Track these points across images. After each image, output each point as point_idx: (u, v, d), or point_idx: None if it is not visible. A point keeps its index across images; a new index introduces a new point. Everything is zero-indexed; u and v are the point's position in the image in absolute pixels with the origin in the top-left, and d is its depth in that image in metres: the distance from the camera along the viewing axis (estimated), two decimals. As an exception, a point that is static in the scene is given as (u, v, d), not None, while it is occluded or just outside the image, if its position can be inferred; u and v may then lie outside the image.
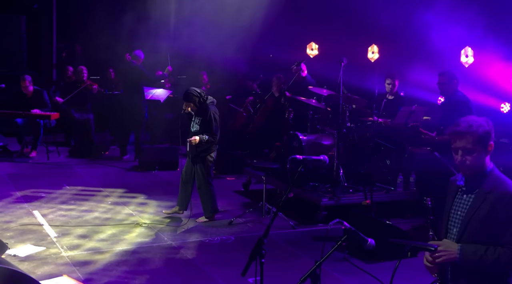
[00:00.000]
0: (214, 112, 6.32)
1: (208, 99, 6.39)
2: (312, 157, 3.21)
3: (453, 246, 2.82)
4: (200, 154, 6.32)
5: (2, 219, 6.25)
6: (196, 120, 6.36)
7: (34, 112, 9.42)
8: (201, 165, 6.36)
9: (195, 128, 6.35)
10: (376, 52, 9.37)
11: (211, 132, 6.27)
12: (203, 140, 6.22)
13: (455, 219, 2.93)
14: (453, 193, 3.00)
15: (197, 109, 6.33)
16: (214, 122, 6.28)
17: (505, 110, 7.57)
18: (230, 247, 5.75)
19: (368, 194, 6.44)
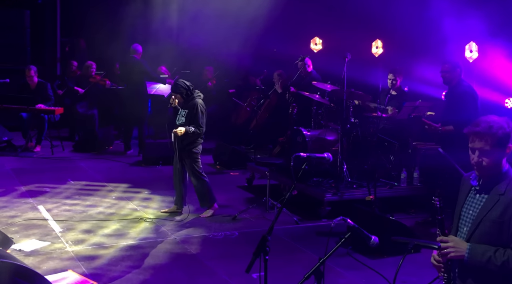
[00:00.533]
0: (201, 105, 6.34)
1: (195, 92, 6.41)
2: (316, 155, 3.21)
3: (463, 244, 2.80)
4: (186, 147, 6.31)
5: (7, 214, 6.28)
6: (182, 113, 6.36)
7: (38, 107, 9.45)
8: (189, 160, 6.35)
9: (180, 120, 6.34)
10: (380, 47, 9.34)
11: (197, 124, 6.26)
12: (189, 131, 6.20)
13: (466, 218, 2.90)
14: (466, 191, 2.97)
15: (184, 101, 6.34)
16: (200, 114, 6.29)
17: (509, 105, 7.55)
18: (234, 242, 5.77)
19: (372, 189, 6.44)
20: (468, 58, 7.95)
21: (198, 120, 6.26)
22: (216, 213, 6.69)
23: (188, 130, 6.19)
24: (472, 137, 2.83)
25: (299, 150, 7.38)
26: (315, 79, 8.57)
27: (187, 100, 6.33)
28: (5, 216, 6.22)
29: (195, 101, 6.31)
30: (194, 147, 6.37)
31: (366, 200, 6.40)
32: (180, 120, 6.34)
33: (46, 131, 9.76)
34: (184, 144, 6.30)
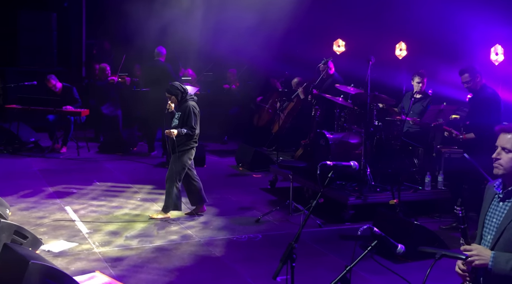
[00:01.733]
0: (193, 106, 6.38)
1: (189, 95, 6.48)
2: (342, 163, 3.23)
3: (486, 252, 2.81)
4: (177, 148, 6.33)
5: (35, 215, 6.42)
6: (176, 115, 6.42)
7: (65, 108, 9.62)
8: (177, 163, 6.35)
9: (174, 122, 6.41)
10: (404, 49, 9.29)
11: (190, 125, 6.30)
12: (181, 133, 6.24)
13: (490, 226, 2.91)
14: (490, 199, 2.98)
15: (178, 103, 6.41)
16: (193, 116, 6.33)
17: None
18: (257, 245, 5.82)
19: (396, 193, 6.44)
20: (493, 61, 7.87)
21: (190, 122, 6.30)
22: (240, 215, 6.75)
23: (180, 132, 6.24)
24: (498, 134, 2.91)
25: (322, 152, 7.43)
26: (337, 81, 8.57)
27: (181, 102, 6.41)
28: (34, 216, 6.35)
29: (187, 103, 6.38)
30: (187, 150, 6.37)
31: (390, 204, 6.39)
32: (174, 123, 6.41)
33: (72, 132, 9.93)
34: (177, 145, 6.32)
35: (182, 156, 6.36)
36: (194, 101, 6.49)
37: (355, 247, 3.19)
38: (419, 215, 6.56)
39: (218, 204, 7.18)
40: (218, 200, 7.36)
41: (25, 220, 6.14)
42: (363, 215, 6.48)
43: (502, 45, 7.78)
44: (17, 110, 9.76)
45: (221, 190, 7.84)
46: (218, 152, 10.61)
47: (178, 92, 6.39)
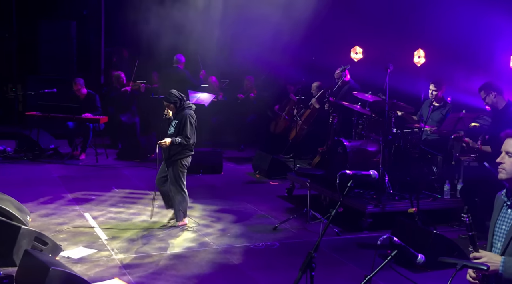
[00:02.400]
0: (190, 116, 6.35)
1: (187, 103, 6.47)
2: (362, 172, 3.23)
3: (496, 258, 2.84)
4: (172, 157, 6.30)
5: (55, 221, 6.49)
6: (172, 123, 6.41)
7: (85, 116, 9.73)
8: (173, 168, 6.32)
9: (170, 130, 6.38)
10: (422, 57, 9.24)
11: (185, 135, 6.26)
12: (175, 142, 6.19)
13: (500, 233, 2.96)
14: (499, 207, 3.03)
15: (176, 111, 6.39)
16: (189, 126, 6.30)
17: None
18: (275, 253, 5.81)
19: (414, 201, 6.39)
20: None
21: (186, 131, 6.26)
22: (257, 223, 6.76)
23: (174, 141, 6.20)
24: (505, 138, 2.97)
25: (339, 160, 7.41)
26: (353, 88, 8.55)
27: (179, 110, 6.39)
28: (54, 223, 6.42)
29: (185, 112, 6.35)
30: (182, 158, 6.34)
31: (409, 213, 6.35)
32: (170, 130, 6.38)
33: (91, 139, 10.03)
34: (172, 154, 6.30)
35: (176, 162, 6.32)
36: (192, 109, 6.47)
37: (375, 256, 3.16)
38: (438, 224, 6.51)
39: (235, 211, 7.19)
40: (235, 207, 7.37)
41: (45, 227, 6.21)
42: (381, 223, 6.44)
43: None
44: (37, 117, 9.89)
45: (238, 197, 7.85)
46: (235, 159, 10.64)
47: (176, 100, 6.36)
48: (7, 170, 8.99)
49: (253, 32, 11.23)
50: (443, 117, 7.34)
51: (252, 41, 11.35)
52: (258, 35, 11.13)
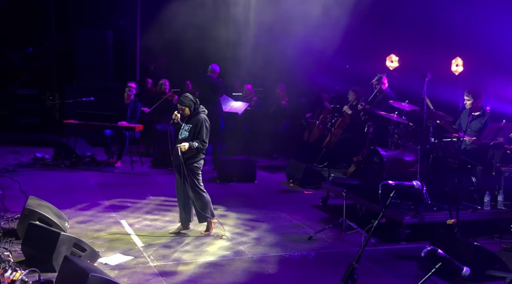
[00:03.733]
0: (205, 120, 6.34)
1: (200, 107, 6.44)
2: (405, 183, 3.17)
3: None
4: (186, 162, 6.27)
5: (92, 228, 6.57)
6: (185, 127, 6.37)
7: (120, 124, 9.87)
8: (189, 173, 6.28)
9: (183, 134, 6.34)
10: (460, 65, 9.08)
11: (202, 139, 6.25)
12: (192, 147, 6.19)
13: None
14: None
15: (190, 115, 6.36)
16: (205, 130, 6.29)
17: None
18: (310, 263, 5.75)
19: (454, 212, 6.26)
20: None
21: (202, 136, 6.26)
22: (292, 232, 6.71)
23: (191, 145, 6.19)
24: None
25: (375, 170, 7.31)
26: (389, 97, 8.45)
27: (192, 114, 6.37)
28: (91, 229, 6.50)
29: (200, 116, 6.34)
30: (196, 161, 6.34)
31: (448, 224, 6.22)
32: (183, 134, 6.34)
33: (126, 147, 10.16)
34: (185, 158, 6.27)
35: (191, 166, 6.32)
36: (205, 114, 6.47)
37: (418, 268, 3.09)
38: (478, 236, 6.35)
39: (269, 220, 7.16)
40: (270, 216, 7.34)
41: (83, 233, 6.30)
42: (419, 234, 6.32)
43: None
44: (75, 125, 10.06)
45: (272, 206, 7.82)
46: (268, 167, 10.61)
47: (191, 104, 6.35)
48: (46, 177, 9.17)
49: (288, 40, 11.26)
50: (482, 126, 7.20)
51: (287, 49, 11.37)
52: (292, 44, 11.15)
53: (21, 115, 14.27)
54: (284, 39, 11.17)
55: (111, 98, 10.59)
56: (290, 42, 10.94)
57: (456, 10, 9.00)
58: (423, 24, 9.58)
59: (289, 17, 11.01)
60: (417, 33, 9.70)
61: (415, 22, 9.78)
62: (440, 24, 9.10)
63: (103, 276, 4.45)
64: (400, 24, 10.21)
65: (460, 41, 9.03)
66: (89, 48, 12.29)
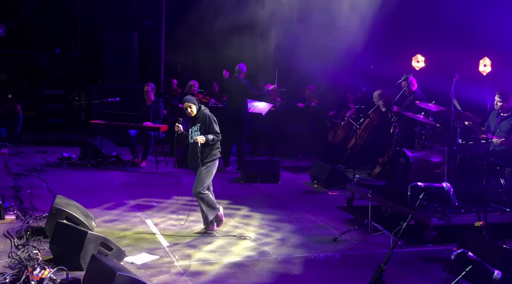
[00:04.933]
0: (210, 114, 6.46)
1: (202, 106, 6.57)
2: (434, 185, 3.12)
3: None
4: (203, 160, 6.32)
5: (119, 227, 6.64)
6: (194, 128, 6.45)
7: (145, 124, 9.96)
8: (204, 171, 6.33)
9: (195, 135, 6.41)
10: (488, 65, 8.93)
11: (214, 131, 6.33)
12: (209, 139, 6.25)
13: None
14: None
15: (195, 114, 6.44)
16: (214, 122, 6.38)
17: None
18: (336, 265, 5.72)
19: (482, 215, 6.15)
20: None
21: (214, 128, 6.36)
22: (316, 233, 6.68)
23: (208, 138, 6.25)
24: None
25: (401, 171, 7.23)
26: (420, 98, 8.34)
27: (197, 114, 6.46)
28: (117, 228, 6.57)
29: (204, 112, 6.46)
30: (212, 160, 6.42)
31: (475, 226, 6.12)
32: (195, 135, 6.42)
33: (151, 147, 10.24)
34: (204, 157, 6.33)
35: (208, 165, 6.38)
36: (207, 110, 6.58)
37: (448, 271, 3.05)
38: (507, 239, 6.22)
39: (294, 221, 7.14)
40: (294, 217, 7.32)
41: (109, 232, 6.36)
42: (446, 237, 6.24)
43: None
44: (101, 125, 10.18)
45: (296, 207, 7.80)
46: (292, 168, 10.58)
47: (196, 102, 6.49)
48: (73, 176, 9.30)
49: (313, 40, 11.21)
50: (511, 127, 7.07)
51: (312, 49, 11.33)
52: (318, 44, 11.10)
53: (49, 115, 14.53)
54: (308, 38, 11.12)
55: (136, 99, 10.67)
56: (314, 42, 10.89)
57: (484, 9, 8.85)
58: (450, 23, 9.45)
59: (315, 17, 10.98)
60: (444, 32, 9.57)
61: (442, 21, 9.64)
62: (467, 23, 8.95)
63: (130, 275, 4.49)
64: (426, 24, 10.08)
65: (488, 41, 8.86)
66: (115, 49, 12.43)
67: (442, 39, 9.59)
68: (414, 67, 10.11)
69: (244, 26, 11.53)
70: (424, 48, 10.13)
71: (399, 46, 10.55)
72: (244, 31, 11.20)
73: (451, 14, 9.42)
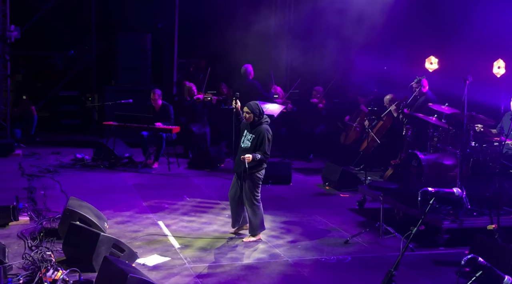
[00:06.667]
0: (267, 131, 6.29)
1: (264, 118, 6.40)
2: (445, 190, 3.12)
3: None
4: (249, 171, 6.24)
5: (131, 228, 6.68)
6: (248, 136, 6.35)
7: (157, 125, 10.01)
8: (249, 182, 6.28)
9: (246, 144, 6.34)
10: (502, 67, 8.84)
11: (264, 151, 6.22)
12: (255, 158, 6.17)
13: None
14: None
15: (253, 123, 6.34)
16: (267, 142, 6.26)
17: None
18: (347, 267, 5.71)
19: (494, 218, 6.11)
20: None
21: (264, 148, 6.23)
22: (328, 236, 6.68)
23: (255, 157, 6.16)
24: None
25: (414, 174, 7.20)
26: (431, 100, 8.29)
27: (256, 123, 6.34)
28: (129, 230, 6.61)
29: (262, 127, 6.31)
30: (258, 171, 6.31)
31: (488, 229, 6.08)
32: (245, 144, 6.35)
33: (164, 148, 10.29)
34: (249, 167, 6.22)
35: (253, 176, 6.30)
36: (268, 123, 6.44)
37: (458, 276, 3.03)
38: (520, 243, 6.18)
39: (305, 224, 7.14)
40: (306, 219, 7.33)
41: (121, 234, 6.41)
42: (458, 240, 6.21)
43: None
44: (114, 126, 10.26)
45: (307, 209, 7.80)
46: (304, 170, 10.58)
47: (256, 112, 6.35)
48: (86, 177, 9.37)
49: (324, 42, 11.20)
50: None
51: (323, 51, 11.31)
52: (329, 45, 11.09)
53: (63, 116, 14.68)
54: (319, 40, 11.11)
55: (146, 103, 10.72)
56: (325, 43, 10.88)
57: (497, 10, 8.78)
58: (463, 25, 9.37)
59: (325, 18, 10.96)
60: (457, 34, 9.49)
61: (456, 23, 9.57)
62: (481, 25, 8.87)
63: (142, 277, 4.52)
64: (440, 25, 10.02)
65: (502, 43, 8.78)
66: (128, 51, 12.50)
67: (455, 40, 9.52)
68: (427, 69, 10.05)
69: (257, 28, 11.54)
70: (438, 50, 10.07)
71: (413, 48, 10.50)
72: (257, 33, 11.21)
73: (464, 15, 9.35)
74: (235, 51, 11.04)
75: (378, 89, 10.65)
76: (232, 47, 11.10)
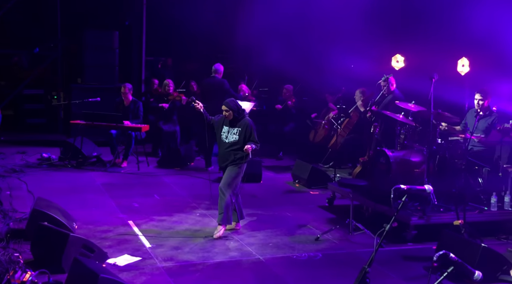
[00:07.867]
0: (252, 122, 6.56)
1: (245, 112, 6.66)
2: (416, 187, 3.18)
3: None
4: (236, 161, 6.45)
5: (100, 228, 6.60)
6: (233, 131, 6.51)
7: (126, 124, 9.90)
8: (235, 170, 6.47)
9: (233, 138, 6.50)
10: (466, 65, 9.06)
11: (255, 140, 6.48)
12: (256, 148, 6.44)
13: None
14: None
15: (234, 119, 6.51)
16: (255, 131, 6.51)
17: None
18: (318, 264, 5.77)
19: (460, 213, 6.26)
20: None
21: (255, 137, 6.49)
22: (298, 233, 6.73)
23: (252, 147, 6.40)
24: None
25: (382, 171, 7.32)
26: (398, 98, 8.44)
27: (237, 118, 6.52)
28: (99, 230, 6.53)
29: (246, 119, 6.55)
30: (243, 163, 6.53)
31: (454, 225, 6.22)
32: (233, 138, 6.50)
33: (133, 147, 10.19)
34: (236, 158, 6.45)
35: (237, 165, 6.49)
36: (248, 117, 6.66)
37: (430, 272, 3.11)
38: (485, 237, 6.35)
39: (276, 221, 7.18)
40: (276, 217, 7.37)
41: (91, 234, 6.32)
42: (425, 235, 6.33)
43: None
44: (81, 125, 10.10)
45: (278, 207, 7.85)
46: (274, 168, 10.63)
47: (235, 108, 6.51)
48: (53, 177, 9.21)
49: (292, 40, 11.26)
50: (489, 126, 7.20)
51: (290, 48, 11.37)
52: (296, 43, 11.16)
53: (28, 115, 14.34)
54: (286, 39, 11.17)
55: (115, 99, 10.60)
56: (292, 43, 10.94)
57: (461, 9, 8.98)
58: (429, 23, 9.57)
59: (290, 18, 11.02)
60: (423, 32, 9.69)
61: (421, 21, 9.76)
62: (446, 23, 9.08)
63: (113, 278, 4.48)
64: (405, 24, 10.20)
65: (466, 41, 9.00)
66: (95, 49, 12.34)
67: (421, 39, 9.71)
68: (394, 67, 10.23)
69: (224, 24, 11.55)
70: (404, 48, 10.25)
71: (379, 46, 10.66)
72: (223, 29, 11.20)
73: (429, 14, 9.55)
74: (203, 48, 11.02)
75: (346, 87, 10.78)
76: (200, 44, 11.08)
